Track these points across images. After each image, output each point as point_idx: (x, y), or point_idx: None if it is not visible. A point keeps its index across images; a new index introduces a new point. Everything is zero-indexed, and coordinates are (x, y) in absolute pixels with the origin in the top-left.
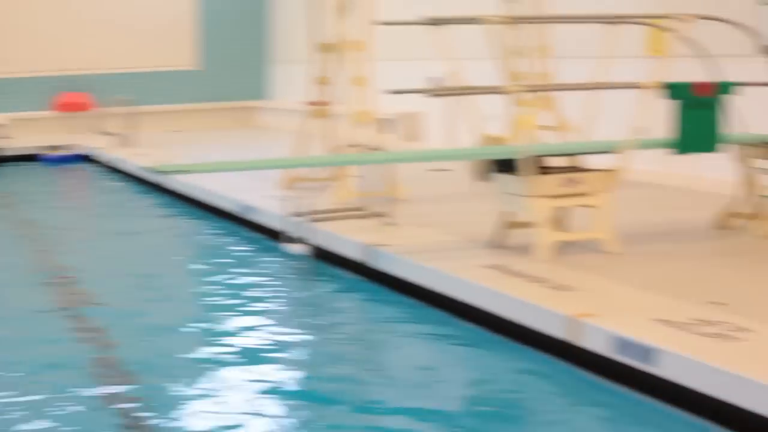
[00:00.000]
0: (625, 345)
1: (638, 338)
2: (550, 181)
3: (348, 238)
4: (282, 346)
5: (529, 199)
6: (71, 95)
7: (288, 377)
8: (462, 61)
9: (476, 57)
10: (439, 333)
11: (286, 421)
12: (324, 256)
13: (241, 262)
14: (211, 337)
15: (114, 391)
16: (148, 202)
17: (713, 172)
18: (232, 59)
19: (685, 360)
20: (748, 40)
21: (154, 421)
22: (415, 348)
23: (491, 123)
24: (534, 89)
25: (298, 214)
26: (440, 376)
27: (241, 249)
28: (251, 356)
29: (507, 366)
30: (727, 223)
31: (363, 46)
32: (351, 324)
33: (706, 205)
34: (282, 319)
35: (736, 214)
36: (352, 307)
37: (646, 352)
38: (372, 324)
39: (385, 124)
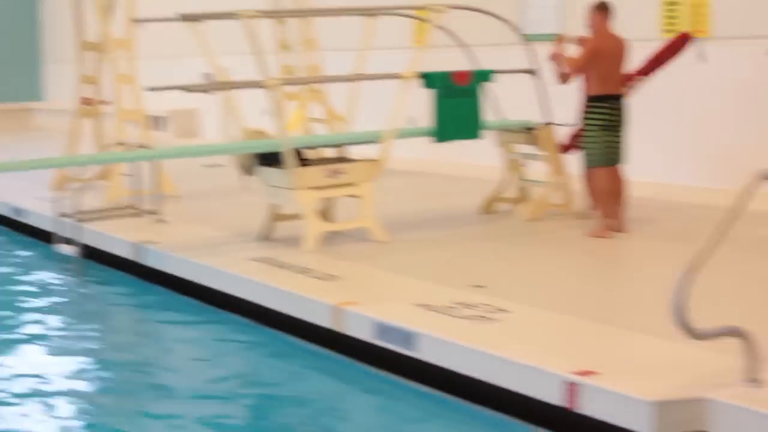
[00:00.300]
0: (386, 331)
1: (399, 323)
2: (314, 173)
3: (118, 237)
4: (61, 346)
5: (294, 191)
6: None
7: (72, 374)
8: (236, 56)
9: (249, 52)
10: (211, 326)
11: (81, 416)
12: (96, 256)
13: (15, 265)
14: None
15: None
16: None
17: (480, 159)
18: (3, 60)
19: (442, 343)
20: (506, 29)
21: None
22: (188, 341)
23: (266, 118)
24: (293, 82)
25: (69, 215)
26: (214, 367)
27: (14, 252)
28: (33, 358)
29: (277, 357)
30: (492, 208)
31: (128, 45)
32: (125, 321)
33: (472, 192)
34: (58, 320)
35: (501, 198)
36: (125, 304)
37: (406, 337)
38: (144, 320)
39: (156, 121)
